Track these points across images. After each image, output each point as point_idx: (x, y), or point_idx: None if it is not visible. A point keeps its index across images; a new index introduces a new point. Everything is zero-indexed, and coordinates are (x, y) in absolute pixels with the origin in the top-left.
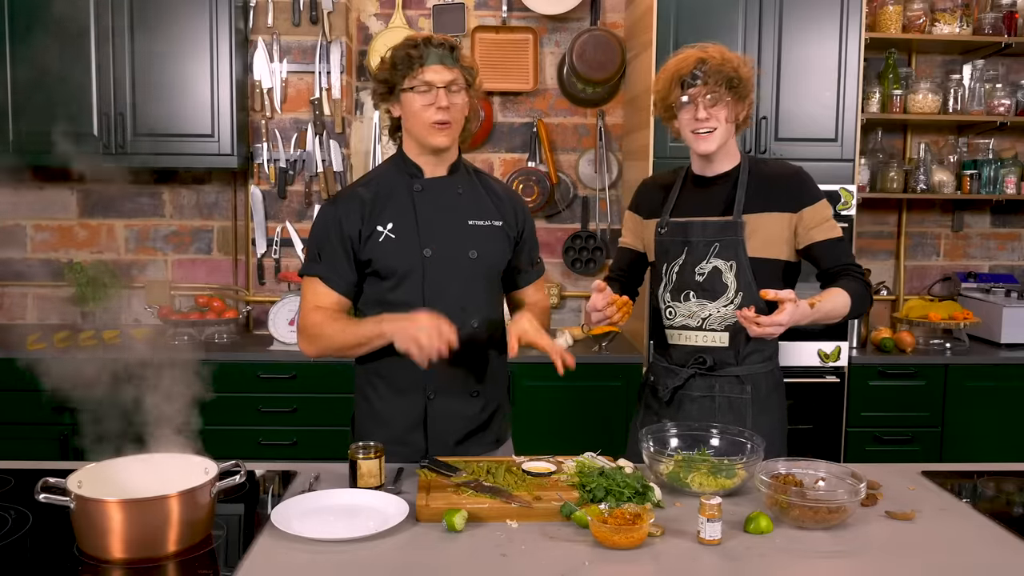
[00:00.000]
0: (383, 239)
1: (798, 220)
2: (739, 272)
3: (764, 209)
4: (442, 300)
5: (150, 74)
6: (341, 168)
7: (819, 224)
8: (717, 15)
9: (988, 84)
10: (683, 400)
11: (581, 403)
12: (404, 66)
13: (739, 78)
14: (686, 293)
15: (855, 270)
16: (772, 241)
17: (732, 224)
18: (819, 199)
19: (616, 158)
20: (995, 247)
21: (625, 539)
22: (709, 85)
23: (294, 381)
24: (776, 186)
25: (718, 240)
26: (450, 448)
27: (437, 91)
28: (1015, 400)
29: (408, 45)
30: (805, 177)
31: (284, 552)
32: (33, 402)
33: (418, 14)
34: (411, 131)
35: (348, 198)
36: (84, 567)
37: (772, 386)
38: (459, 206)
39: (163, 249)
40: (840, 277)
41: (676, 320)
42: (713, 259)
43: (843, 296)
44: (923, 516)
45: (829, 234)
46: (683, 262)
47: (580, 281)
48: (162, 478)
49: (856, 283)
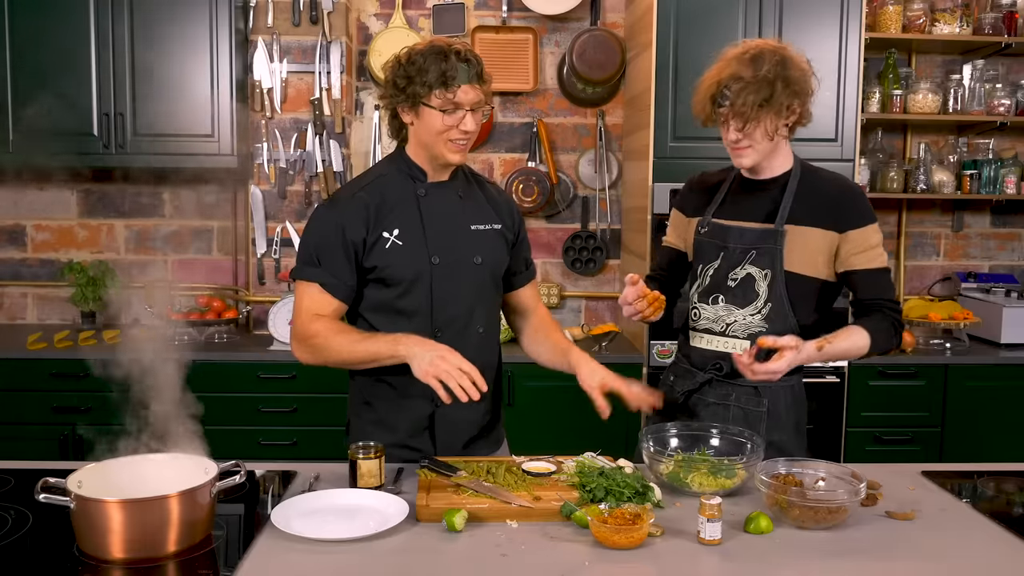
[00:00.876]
0: (390, 246)
1: (842, 241)
2: (773, 282)
3: (808, 223)
4: (450, 306)
5: (150, 74)
6: (341, 168)
7: (863, 251)
8: (717, 15)
9: (988, 84)
10: (697, 405)
11: (581, 403)
12: (436, 81)
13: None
14: (715, 296)
15: (889, 306)
16: (811, 257)
17: (772, 232)
18: (868, 223)
19: (616, 158)
20: (995, 247)
21: (625, 539)
22: (736, 107)
23: (294, 381)
24: (826, 201)
25: (755, 248)
26: (458, 451)
27: (465, 113)
28: (1015, 400)
29: (437, 57)
30: (858, 197)
31: (284, 552)
32: (33, 402)
33: (418, 14)
34: (425, 143)
35: (350, 202)
36: (84, 567)
37: (791, 402)
38: (461, 211)
39: (163, 249)
40: (871, 312)
41: (700, 323)
42: (748, 265)
43: (861, 336)
44: (923, 516)
45: (871, 263)
46: (718, 266)
47: (580, 281)
48: (162, 478)
49: (884, 321)
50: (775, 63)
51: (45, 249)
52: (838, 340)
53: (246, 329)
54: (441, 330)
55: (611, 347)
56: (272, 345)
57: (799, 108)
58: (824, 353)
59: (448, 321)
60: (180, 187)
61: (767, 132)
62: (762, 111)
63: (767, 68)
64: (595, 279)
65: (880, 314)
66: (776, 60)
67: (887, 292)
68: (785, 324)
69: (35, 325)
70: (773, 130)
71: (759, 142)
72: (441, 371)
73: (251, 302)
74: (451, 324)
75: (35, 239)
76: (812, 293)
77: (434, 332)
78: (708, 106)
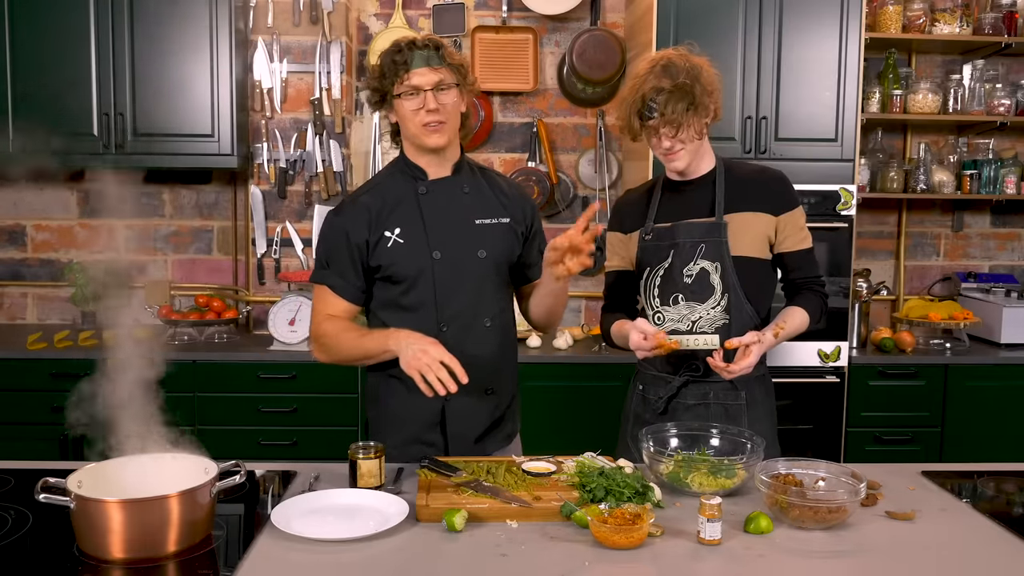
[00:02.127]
0: (392, 244)
1: (777, 224)
2: (724, 274)
3: (743, 208)
4: (454, 301)
5: (150, 74)
6: (341, 168)
7: (793, 233)
8: (717, 15)
9: (988, 84)
10: (676, 409)
11: (581, 403)
12: (391, 73)
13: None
14: (675, 296)
15: (817, 284)
16: (755, 240)
17: (716, 225)
18: (797, 205)
19: (616, 158)
20: (995, 247)
21: (625, 539)
22: (667, 116)
23: (294, 381)
24: (756, 186)
25: (704, 241)
26: (470, 445)
27: (424, 94)
28: (1015, 400)
29: (393, 51)
30: (784, 182)
31: (284, 552)
32: (33, 402)
33: (418, 14)
34: (407, 134)
35: (353, 207)
36: (84, 567)
37: (764, 392)
38: (465, 205)
39: (163, 249)
40: (802, 291)
41: (666, 325)
42: (700, 260)
43: (801, 315)
44: (923, 516)
45: (801, 244)
46: (669, 265)
47: (580, 281)
48: (162, 478)
49: (815, 299)
50: (686, 69)
51: (45, 249)
52: (788, 324)
53: (246, 329)
54: (447, 324)
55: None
56: (272, 345)
57: (714, 106)
58: (780, 338)
59: (453, 315)
60: (180, 187)
61: (696, 132)
62: (689, 115)
63: (683, 75)
64: (595, 279)
65: (811, 292)
66: (687, 66)
67: (815, 270)
68: (742, 311)
69: (35, 325)
70: (700, 130)
71: (690, 143)
72: (423, 364)
73: (251, 302)
74: (456, 318)
75: (35, 239)
76: (760, 274)
77: (439, 326)
78: (635, 121)
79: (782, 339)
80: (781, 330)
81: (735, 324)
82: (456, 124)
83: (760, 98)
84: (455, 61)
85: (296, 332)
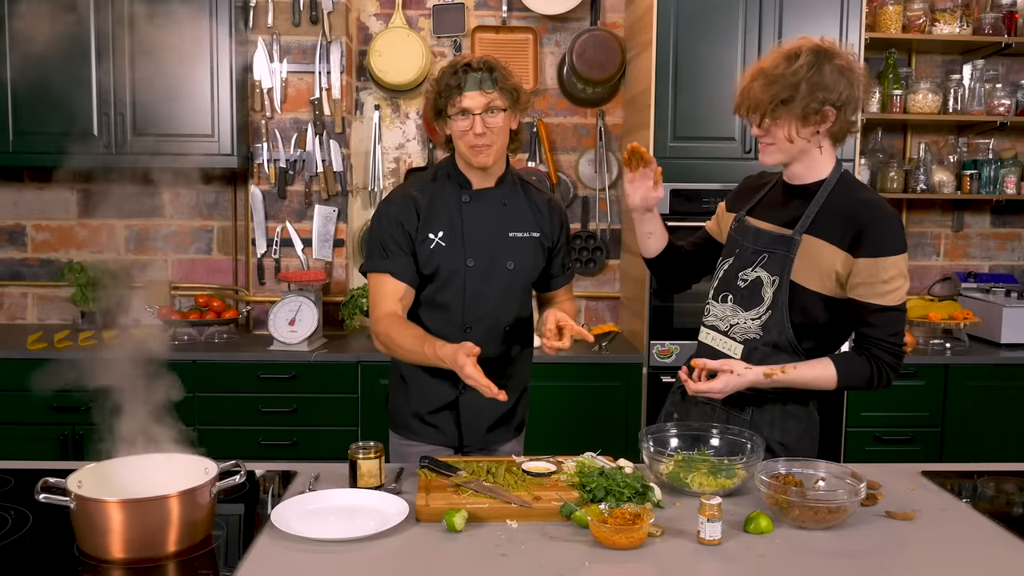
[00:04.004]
0: (434, 245)
1: (853, 266)
2: (778, 290)
3: (825, 236)
4: (480, 305)
5: (150, 74)
6: (341, 168)
7: (871, 283)
8: (717, 15)
9: (988, 84)
10: (692, 401)
11: (581, 403)
12: (446, 94)
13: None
14: (725, 295)
15: (883, 346)
16: (819, 272)
17: (786, 239)
18: (886, 255)
19: (616, 158)
20: (995, 247)
21: (625, 539)
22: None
23: (294, 381)
24: (849, 218)
25: (767, 251)
26: (481, 435)
27: (474, 117)
28: (1015, 400)
29: (449, 73)
30: (884, 224)
31: (284, 552)
32: (33, 402)
33: (418, 14)
34: (458, 151)
35: (404, 200)
36: (84, 567)
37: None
38: (502, 217)
39: (163, 249)
40: (860, 348)
41: (709, 319)
42: (759, 268)
43: (826, 368)
44: (923, 516)
45: (878, 299)
46: (732, 263)
47: (580, 281)
48: (162, 478)
49: (863, 362)
50: (809, 63)
51: (45, 249)
52: (797, 370)
53: (246, 329)
54: (471, 326)
55: (611, 347)
56: (272, 345)
57: (833, 115)
58: (775, 381)
59: (478, 318)
60: (180, 187)
61: (787, 134)
62: (779, 110)
63: (797, 66)
64: (595, 279)
65: (867, 353)
66: (811, 61)
67: (885, 331)
68: (781, 334)
69: (35, 325)
70: (794, 133)
71: (781, 142)
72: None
73: (251, 302)
74: (480, 321)
75: (35, 239)
76: (815, 309)
77: (464, 327)
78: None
79: (781, 384)
80: (780, 372)
81: (764, 344)
82: (504, 143)
83: None
84: (508, 85)
85: (296, 332)
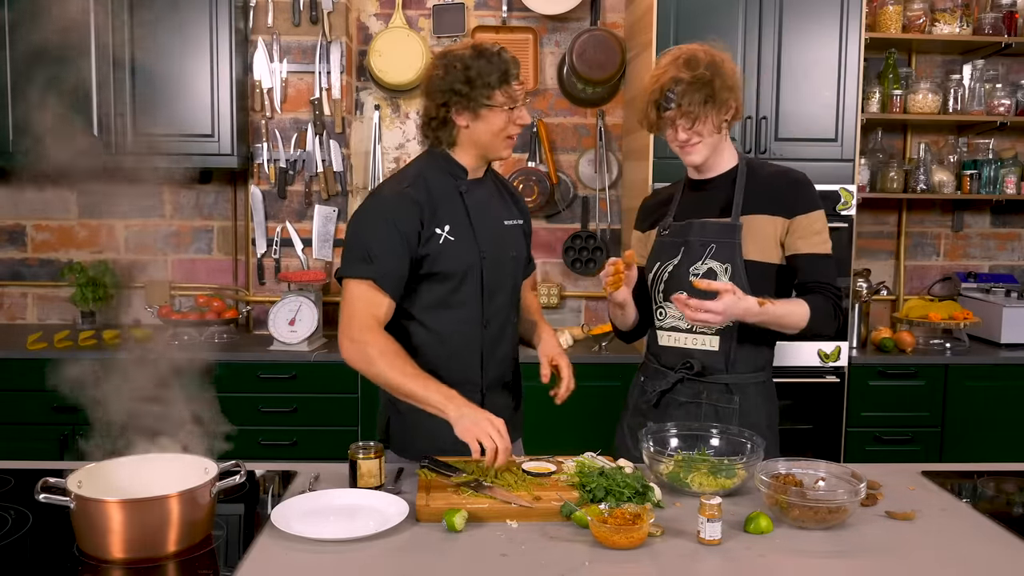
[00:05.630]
0: (443, 241)
1: (790, 226)
2: (734, 275)
3: (759, 211)
4: (496, 299)
5: (150, 74)
6: (341, 168)
7: (807, 236)
8: (717, 15)
9: (988, 84)
10: (669, 404)
11: (581, 403)
12: (497, 81)
13: (715, 89)
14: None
15: (830, 290)
16: (765, 243)
17: (730, 226)
18: (815, 209)
19: (616, 158)
20: (995, 247)
21: (625, 539)
22: (683, 107)
23: (294, 381)
24: (774, 189)
25: (715, 241)
26: None
27: (521, 108)
28: (1015, 400)
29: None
30: (805, 186)
31: (284, 552)
32: (33, 402)
33: (418, 14)
34: (482, 143)
35: (399, 198)
36: (84, 567)
37: (762, 399)
38: (496, 206)
39: (163, 249)
40: (811, 292)
41: (666, 321)
42: (709, 260)
43: (801, 307)
44: (923, 516)
45: (815, 248)
46: (678, 262)
47: (580, 281)
48: (162, 478)
49: (824, 302)
50: (708, 63)
51: (45, 249)
52: (780, 303)
53: (246, 329)
54: (488, 322)
55: (611, 347)
56: (272, 345)
57: (735, 103)
58: (764, 311)
59: (494, 312)
60: (180, 187)
61: (714, 126)
62: (707, 108)
63: (702, 68)
64: (595, 279)
65: (821, 295)
66: (708, 60)
67: (830, 276)
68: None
69: (35, 325)
70: (718, 124)
71: (707, 136)
72: (483, 434)
73: (251, 302)
74: (496, 315)
75: (35, 239)
76: (771, 279)
77: (483, 323)
78: (652, 112)
79: (768, 316)
80: (769, 303)
81: (740, 328)
82: None
83: (760, 98)
84: None
85: (296, 332)
